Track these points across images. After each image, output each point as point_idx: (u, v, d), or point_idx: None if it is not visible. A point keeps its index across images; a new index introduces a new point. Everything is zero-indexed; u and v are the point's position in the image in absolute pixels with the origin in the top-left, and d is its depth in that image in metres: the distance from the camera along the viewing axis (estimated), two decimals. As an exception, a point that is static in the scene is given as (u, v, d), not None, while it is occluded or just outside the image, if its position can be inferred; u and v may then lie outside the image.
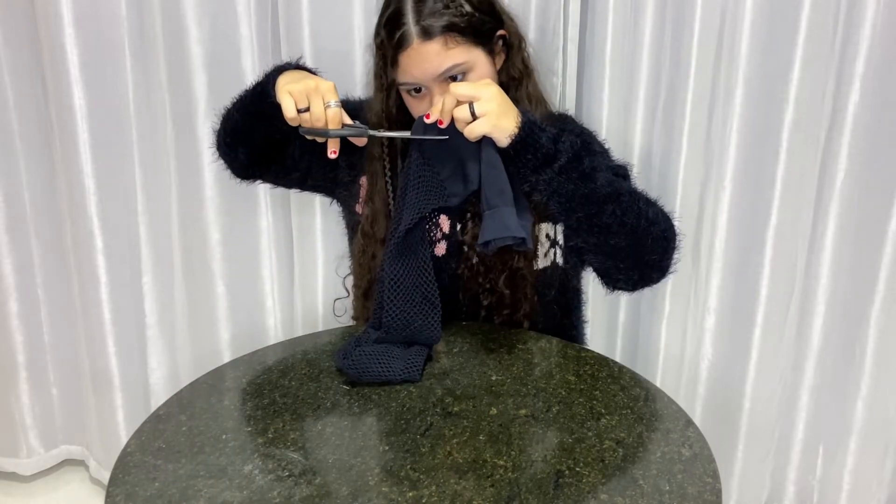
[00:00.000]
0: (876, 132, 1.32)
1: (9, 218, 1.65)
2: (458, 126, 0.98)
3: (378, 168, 1.15)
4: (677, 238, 1.09)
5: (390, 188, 1.16)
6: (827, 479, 1.53)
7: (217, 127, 1.22)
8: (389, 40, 1.05)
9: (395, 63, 1.06)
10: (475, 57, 1.07)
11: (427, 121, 1.01)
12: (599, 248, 1.05)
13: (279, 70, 1.12)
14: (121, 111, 1.53)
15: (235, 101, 1.18)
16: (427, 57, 1.04)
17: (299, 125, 1.04)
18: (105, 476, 1.77)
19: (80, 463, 1.89)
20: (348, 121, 1.05)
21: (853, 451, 1.49)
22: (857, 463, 1.49)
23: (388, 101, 1.12)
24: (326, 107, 1.02)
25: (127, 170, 1.57)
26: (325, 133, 1.03)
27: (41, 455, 1.83)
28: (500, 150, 0.99)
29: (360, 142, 1.08)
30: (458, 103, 0.98)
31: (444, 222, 1.15)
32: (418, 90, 1.07)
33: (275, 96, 1.07)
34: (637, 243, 1.04)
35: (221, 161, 1.24)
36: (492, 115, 0.96)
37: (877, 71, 1.28)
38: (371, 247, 1.17)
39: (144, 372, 1.69)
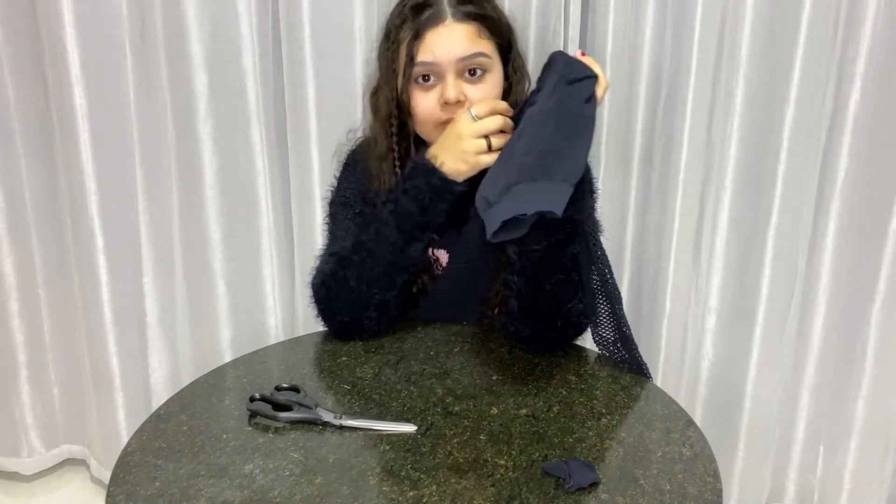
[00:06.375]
0: (876, 132, 1.32)
1: (9, 218, 1.65)
2: (600, 92, 0.95)
3: (388, 164, 1.11)
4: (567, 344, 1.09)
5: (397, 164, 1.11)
6: (827, 478, 1.53)
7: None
8: (417, 16, 1.03)
9: (419, 37, 1.02)
10: (496, 63, 1.06)
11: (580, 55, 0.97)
12: (526, 285, 1.01)
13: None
14: (121, 111, 1.53)
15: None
16: (458, 37, 1.02)
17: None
18: (106, 476, 1.77)
19: (80, 462, 1.89)
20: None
21: (854, 451, 1.49)
22: (857, 462, 1.49)
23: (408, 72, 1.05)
24: (476, 118, 0.99)
25: (128, 169, 1.57)
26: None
27: (42, 455, 1.83)
28: None
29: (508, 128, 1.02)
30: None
31: (443, 256, 1.15)
32: (427, 78, 1.05)
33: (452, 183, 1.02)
34: (550, 314, 1.03)
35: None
36: None
37: (877, 71, 1.28)
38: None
39: (145, 371, 1.69)
